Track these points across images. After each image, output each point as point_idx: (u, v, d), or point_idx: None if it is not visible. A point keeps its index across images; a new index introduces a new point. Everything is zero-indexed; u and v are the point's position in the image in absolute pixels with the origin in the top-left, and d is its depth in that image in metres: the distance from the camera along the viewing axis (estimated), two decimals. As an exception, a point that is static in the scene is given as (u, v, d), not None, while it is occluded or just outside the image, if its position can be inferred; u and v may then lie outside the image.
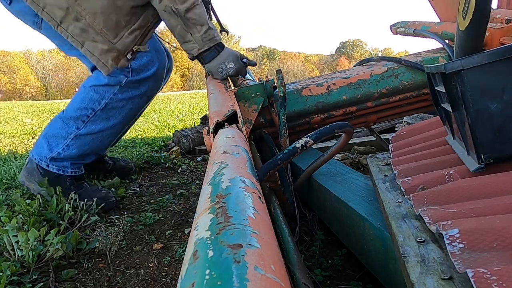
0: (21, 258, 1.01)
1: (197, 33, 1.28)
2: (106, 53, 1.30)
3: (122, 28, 1.29)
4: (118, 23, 1.28)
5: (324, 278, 0.89)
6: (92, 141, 1.43)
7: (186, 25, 1.27)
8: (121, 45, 1.30)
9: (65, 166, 1.44)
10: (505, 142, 0.59)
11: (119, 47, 1.30)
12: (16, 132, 3.83)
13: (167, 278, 0.97)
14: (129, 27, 1.30)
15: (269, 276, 0.23)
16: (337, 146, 1.00)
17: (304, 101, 1.38)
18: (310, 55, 67.94)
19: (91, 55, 1.30)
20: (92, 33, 1.27)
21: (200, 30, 1.28)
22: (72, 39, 1.28)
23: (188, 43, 1.31)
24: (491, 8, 1.10)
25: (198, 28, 1.28)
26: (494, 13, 1.36)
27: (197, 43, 1.30)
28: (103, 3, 1.25)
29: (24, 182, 1.47)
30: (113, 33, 1.28)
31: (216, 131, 0.77)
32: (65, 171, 1.44)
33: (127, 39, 1.30)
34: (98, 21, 1.26)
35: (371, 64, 1.55)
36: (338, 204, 0.92)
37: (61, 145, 1.41)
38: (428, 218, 0.56)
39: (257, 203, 0.35)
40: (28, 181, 1.45)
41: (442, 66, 0.65)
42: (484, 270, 0.39)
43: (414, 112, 1.52)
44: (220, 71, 1.35)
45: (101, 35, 1.27)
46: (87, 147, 1.43)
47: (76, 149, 1.42)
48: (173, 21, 1.27)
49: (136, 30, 1.31)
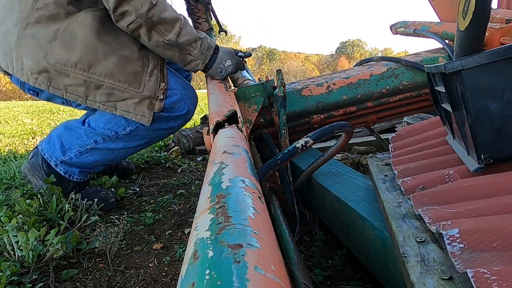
0: (21, 258, 1.01)
1: (195, 50, 1.28)
2: (139, 104, 1.28)
3: (141, 74, 1.28)
4: (136, 72, 1.27)
5: (324, 278, 0.89)
6: (107, 155, 1.42)
7: (183, 49, 1.26)
8: (148, 90, 1.28)
9: (73, 172, 1.42)
10: (505, 142, 0.59)
11: (148, 93, 1.28)
12: (16, 132, 3.83)
13: (167, 278, 0.97)
14: (146, 70, 1.29)
15: (269, 276, 0.23)
16: (337, 146, 1.00)
17: (304, 101, 1.38)
18: (310, 55, 67.92)
19: (128, 113, 1.29)
20: (118, 93, 1.26)
21: (196, 47, 1.27)
22: (104, 107, 1.28)
23: (191, 63, 1.31)
24: (491, 8, 1.10)
25: (194, 45, 1.27)
26: (494, 13, 1.36)
27: (199, 58, 1.30)
28: (114, 61, 1.24)
29: (26, 175, 1.44)
30: (136, 83, 1.27)
31: (216, 131, 0.77)
32: (71, 176, 1.42)
33: (150, 82, 1.29)
34: (118, 80, 1.25)
35: (371, 64, 1.55)
36: (338, 204, 0.92)
37: (75, 151, 1.39)
38: (428, 218, 0.56)
39: (257, 203, 0.35)
40: (30, 175, 1.43)
41: (442, 66, 0.65)
42: (484, 270, 0.39)
43: (414, 112, 1.52)
44: (219, 72, 1.35)
45: (126, 91, 1.26)
46: (99, 159, 1.42)
47: (88, 159, 1.41)
48: (169, 52, 1.26)
49: (153, 69, 1.30)
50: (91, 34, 1.22)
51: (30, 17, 1.21)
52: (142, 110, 1.29)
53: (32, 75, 1.23)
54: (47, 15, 1.21)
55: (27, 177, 1.45)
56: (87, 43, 1.22)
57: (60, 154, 1.39)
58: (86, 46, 1.22)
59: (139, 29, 1.20)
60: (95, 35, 1.22)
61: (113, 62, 1.24)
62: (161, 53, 1.28)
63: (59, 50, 1.21)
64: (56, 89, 1.25)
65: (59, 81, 1.24)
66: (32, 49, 1.21)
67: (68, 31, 1.22)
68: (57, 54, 1.21)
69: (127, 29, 1.21)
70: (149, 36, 1.21)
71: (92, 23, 1.22)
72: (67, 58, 1.21)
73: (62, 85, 1.25)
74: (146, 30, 1.20)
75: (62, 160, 1.40)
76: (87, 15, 1.23)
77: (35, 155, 1.45)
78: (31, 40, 1.21)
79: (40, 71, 1.22)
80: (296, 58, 60.68)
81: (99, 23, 1.23)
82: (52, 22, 1.21)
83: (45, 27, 1.21)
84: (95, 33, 1.22)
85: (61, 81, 1.24)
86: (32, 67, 1.22)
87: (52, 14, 1.21)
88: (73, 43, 1.21)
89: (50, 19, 1.21)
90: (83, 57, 1.22)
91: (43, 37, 1.21)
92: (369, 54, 62.04)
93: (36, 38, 1.21)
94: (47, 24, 1.21)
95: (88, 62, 1.23)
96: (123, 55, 1.26)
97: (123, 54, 1.26)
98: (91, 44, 1.22)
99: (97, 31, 1.23)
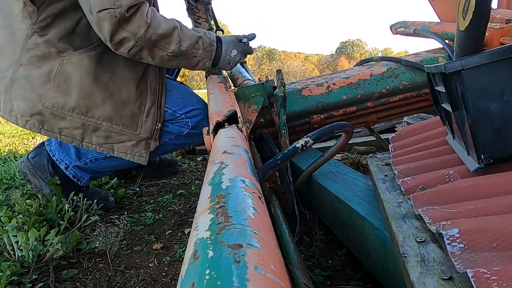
0: (21, 258, 1.01)
1: (199, 50, 1.25)
2: (136, 146, 1.29)
3: (138, 115, 1.28)
4: (133, 114, 1.27)
5: (324, 278, 0.89)
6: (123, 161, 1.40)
7: (188, 55, 1.23)
8: (145, 132, 1.29)
9: (83, 177, 1.41)
10: (505, 142, 0.59)
11: (144, 135, 1.29)
12: (16, 132, 3.83)
13: (167, 278, 0.97)
14: (143, 110, 1.28)
15: (269, 276, 0.23)
16: (337, 146, 1.00)
17: (304, 101, 1.38)
18: (310, 55, 67.90)
19: (125, 155, 1.29)
20: (115, 135, 1.26)
21: (199, 47, 1.25)
22: (101, 149, 1.27)
23: (198, 64, 1.29)
24: (491, 8, 1.10)
25: (197, 46, 1.24)
26: (494, 13, 1.36)
27: (205, 57, 1.28)
28: (112, 105, 1.23)
29: (25, 174, 1.41)
30: (133, 126, 1.27)
31: (216, 131, 0.77)
32: (79, 180, 1.41)
33: (147, 123, 1.29)
34: (115, 123, 1.25)
35: (371, 64, 1.55)
36: (338, 204, 0.92)
37: (91, 156, 1.37)
38: (428, 218, 0.56)
39: (257, 203, 0.35)
40: (31, 174, 1.39)
41: (442, 66, 0.65)
42: (484, 270, 0.39)
43: (414, 112, 1.52)
44: (227, 63, 1.33)
45: (124, 133, 1.26)
46: (115, 164, 1.40)
47: (103, 164, 1.39)
48: (175, 62, 1.24)
49: (150, 108, 1.29)
50: (88, 79, 1.20)
51: (22, 59, 1.18)
52: (139, 151, 1.30)
53: (23, 117, 1.21)
54: (38, 55, 1.18)
55: (26, 177, 1.41)
56: (84, 88, 1.20)
57: (75, 158, 1.37)
58: (83, 91, 1.20)
59: (141, 52, 1.16)
60: (92, 79, 1.20)
61: (110, 106, 1.23)
62: (167, 65, 1.26)
63: (55, 94, 1.19)
64: (50, 132, 1.23)
65: (53, 124, 1.22)
66: (26, 91, 1.18)
67: (62, 72, 1.19)
68: (53, 97, 1.18)
69: (128, 55, 1.17)
70: (152, 55, 1.18)
71: (89, 65, 1.19)
72: (64, 102, 1.19)
73: (57, 127, 1.23)
74: (148, 51, 1.17)
75: (76, 164, 1.38)
76: (82, 57, 1.19)
77: (39, 154, 1.41)
78: (25, 82, 1.18)
79: (33, 114, 1.20)
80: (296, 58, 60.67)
81: (95, 63, 1.21)
82: (44, 62, 1.18)
83: (38, 67, 1.18)
84: (92, 77, 1.20)
85: (56, 124, 1.22)
86: (25, 109, 1.19)
87: (43, 54, 1.18)
88: (68, 86, 1.19)
89: (42, 58, 1.18)
90: (81, 102, 1.20)
91: (36, 79, 1.18)
92: (369, 54, 62.03)
93: (29, 81, 1.18)
94: (39, 64, 1.18)
95: (86, 107, 1.21)
96: (120, 98, 1.24)
97: (121, 97, 1.24)
98: (88, 89, 1.20)
99: (94, 74, 1.20)
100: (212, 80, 1.37)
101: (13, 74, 1.19)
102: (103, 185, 1.63)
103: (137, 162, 1.31)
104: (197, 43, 1.24)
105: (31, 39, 1.17)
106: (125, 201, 1.53)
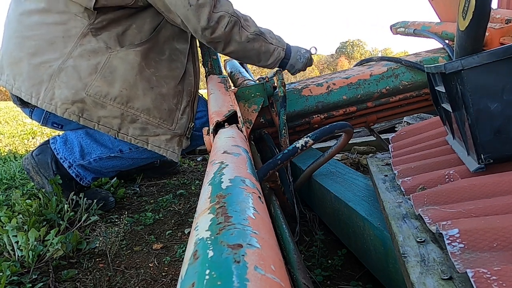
0: (21, 258, 1.01)
1: (273, 39, 1.32)
2: (170, 141, 1.32)
3: (175, 112, 1.32)
4: (171, 110, 1.31)
5: (324, 278, 0.89)
6: (127, 162, 1.41)
7: (265, 38, 1.30)
8: (180, 128, 1.32)
9: (85, 176, 1.41)
10: (505, 142, 0.59)
11: (179, 131, 1.32)
12: (16, 132, 3.83)
13: (167, 278, 0.97)
14: (180, 108, 1.33)
15: (269, 276, 0.23)
16: (337, 146, 1.00)
17: (304, 101, 1.38)
18: (310, 55, 67.75)
19: (159, 149, 1.32)
20: (151, 128, 1.29)
21: (272, 35, 1.32)
22: (135, 140, 1.29)
23: (274, 52, 1.32)
24: (491, 8, 1.10)
25: (267, 32, 1.31)
26: (494, 13, 1.36)
27: (279, 45, 1.33)
28: (152, 97, 1.27)
29: (29, 171, 1.41)
30: (170, 121, 1.30)
31: (216, 131, 0.77)
32: (82, 180, 1.41)
33: (182, 120, 1.33)
34: (153, 116, 1.28)
35: (371, 64, 1.55)
36: (338, 204, 0.92)
37: (95, 156, 1.37)
38: (428, 218, 0.56)
39: (257, 203, 0.35)
40: (34, 172, 1.39)
41: (442, 66, 0.65)
42: (484, 270, 0.39)
43: (414, 112, 1.52)
44: (299, 58, 1.37)
45: (160, 127, 1.29)
46: (119, 165, 1.41)
47: (107, 164, 1.40)
48: (256, 44, 1.29)
49: (186, 107, 1.34)
50: (132, 72, 1.25)
51: (73, 52, 1.23)
52: (173, 146, 1.33)
53: (63, 105, 1.23)
54: (89, 49, 1.24)
55: (29, 173, 1.41)
56: (128, 79, 1.24)
57: (78, 157, 1.38)
58: (126, 82, 1.24)
59: (234, 28, 1.23)
60: (136, 72, 1.25)
61: (151, 98, 1.27)
62: (249, 48, 1.29)
63: (99, 83, 1.23)
64: (88, 121, 1.26)
65: (92, 113, 1.25)
66: (72, 80, 1.22)
67: (109, 65, 1.24)
68: (97, 86, 1.23)
69: (224, 33, 1.22)
70: (240, 34, 1.25)
71: (134, 59, 1.25)
72: (107, 91, 1.23)
73: (96, 116, 1.25)
74: (239, 27, 1.24)
75: (80, 163, 1.38)
76: (129, 52, 1.26)
77: (43, 152, 1.40)
78: (72, 71, 1.22)
79: (75, 101, 1.23)
80: (296, 58, 60.47)
81: (141, 58, 1.26)
82: (93, 56, 1.24)
83: (86, 60, 1.23)
84: (136, 70, 1.25)
85: (95, 113, 1.25)
86: (68, 96, 1.22)
87: (94, 49, 1.24)
88: (113, 77, 1.23)
89: (92, 52, 1.24)
90: (123, 92, 1.24)
91: (84, 69, 1.22)
92: (369, 54, 62.00)
93: (77, 70, 1.22)
94: (89, 57, 1.24)
95: (127, 97, 1.25)
96: (160, 92, 1.29)
97: (161, 91, 1.29)
98: (131, 80, 1.25)
99: (139, 67, 1.26)
100: (212, 80, 1.37)
101: (61, 64, 1.23)
102: (103, 185, 1.63)
103: (170, 157, 1.33)
104: (269, 33, 1.33)
105: (86, 38, 1.24)
106: (125, 201, 1.53)
